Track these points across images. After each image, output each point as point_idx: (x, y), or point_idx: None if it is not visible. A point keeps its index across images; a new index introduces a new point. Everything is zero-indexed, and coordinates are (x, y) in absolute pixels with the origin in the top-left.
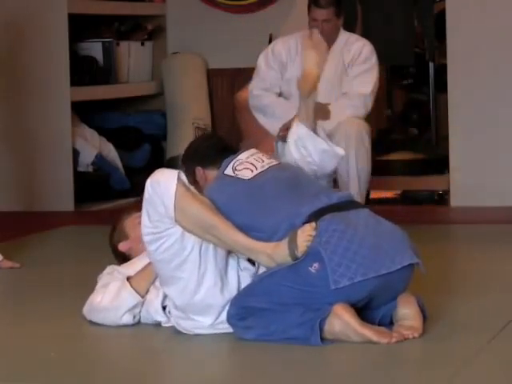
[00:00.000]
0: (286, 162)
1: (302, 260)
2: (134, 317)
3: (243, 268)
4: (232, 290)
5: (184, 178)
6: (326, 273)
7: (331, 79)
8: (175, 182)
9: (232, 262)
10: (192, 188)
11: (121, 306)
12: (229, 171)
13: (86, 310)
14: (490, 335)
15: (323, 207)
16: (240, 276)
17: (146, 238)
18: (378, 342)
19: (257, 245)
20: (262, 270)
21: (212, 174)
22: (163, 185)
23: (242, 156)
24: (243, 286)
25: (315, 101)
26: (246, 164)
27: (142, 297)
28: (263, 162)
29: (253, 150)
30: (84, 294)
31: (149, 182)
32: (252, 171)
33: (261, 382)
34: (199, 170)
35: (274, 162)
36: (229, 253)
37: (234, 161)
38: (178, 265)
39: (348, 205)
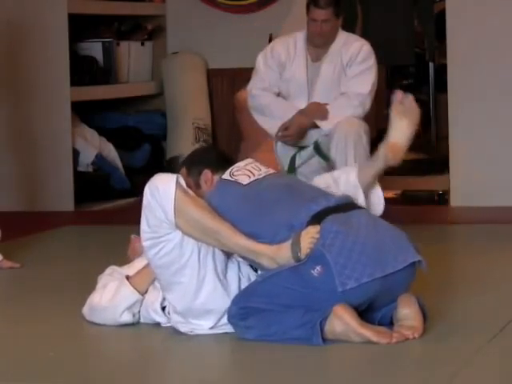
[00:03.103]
0: (284, 171)
1: (304, 263)
2: (134, 315)
3: (245, 274)
4: (233, 294)
5: (183, 182)
6: (331, 276)
7: (329, 79)
8: (174, 186)
9: (232, 265)
10: (191, 192)
11: (120, 304)
12: (226, 176)
13: (85, 310)
14: (490, 335)
15: (322, 210)
16: (241, 279)
17: (145, 244)
18: (378, 343)
19: (259, 247)
20: None
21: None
22: (162, 190)
23: (240, 163)
24: None
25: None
26: (244, 170)
27: (142, 295)
28: (260, 170)
29: (250, 159)
30: (84, 293)
31: (147, 188)
32: (249, 177)
33: (261, 381)
34: (207, 173)
35: (271, 171)
36: (228, 256)
37: (232, 167)
38: (178, 269)
39: (346, 206)
